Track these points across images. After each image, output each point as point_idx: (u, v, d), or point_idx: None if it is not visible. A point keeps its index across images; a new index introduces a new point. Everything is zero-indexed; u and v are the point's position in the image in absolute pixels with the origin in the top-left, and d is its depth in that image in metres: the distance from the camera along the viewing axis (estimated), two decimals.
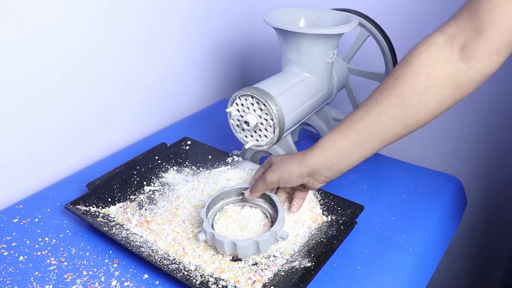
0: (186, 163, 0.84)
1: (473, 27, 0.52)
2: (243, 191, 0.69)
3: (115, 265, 0.63)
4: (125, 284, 0.60)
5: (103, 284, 0.60)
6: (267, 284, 0.58)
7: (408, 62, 0.56)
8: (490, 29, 0.51)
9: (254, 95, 0.70)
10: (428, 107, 0.56)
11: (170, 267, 0.60)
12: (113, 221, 0.69)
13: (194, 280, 0.58)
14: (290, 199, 0.69)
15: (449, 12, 0.57)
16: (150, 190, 0.77)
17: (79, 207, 0.71)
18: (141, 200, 0.75)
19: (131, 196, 0.75)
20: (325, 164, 0.61)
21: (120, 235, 0.66)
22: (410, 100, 0.55)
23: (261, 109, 0.71)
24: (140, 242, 0.65)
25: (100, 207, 0.72)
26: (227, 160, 0.83)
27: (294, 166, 0.62)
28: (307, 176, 0.63)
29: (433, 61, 0.54)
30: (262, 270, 0.61)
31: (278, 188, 0.68)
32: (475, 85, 0.55)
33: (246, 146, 0.75)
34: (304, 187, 0.66)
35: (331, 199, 0.72)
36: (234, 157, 0.84)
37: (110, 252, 0.66)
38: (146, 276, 0.62)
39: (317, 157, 0.62)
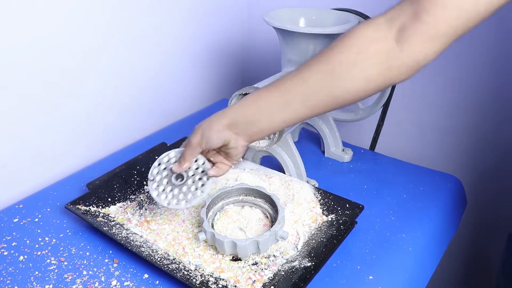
0: None
1: (412, 10, 0.52)
2: (243, 191, 0.69)
3: (115, 265, 0.63)
4: (125, 283, 0.60)
5: (103, 284, 0.60)
6: (267, 284, 0.58)
7: (345, 36, 0.56)
8: (427, 15, 0.50)
9: None
10: (355, 81, 0.55)
11: (170, 267, 0.60)
12: (113, 221, 0.69)
13: (194, 280, 0.58)
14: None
15: None
16: None
17: (79, 207, 0.71)
18: (141, 200, 0.75)
19: (131, 196, 0.76)
20: (245, 117, 0.59)
21: (120, 235, 0.66)
22: (338, 69, 0.55)
23: None
24: (140, 242, 0.65)
25: (100, 207, 0.72)
26: None
27: (214, 120, 0.61)
28: (228, 129, 0.60)
29: (368, 38, 0.54)
30: (262, 270, 0.61)
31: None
32: (405, 70, 0.54)
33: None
34: (227, 152, 0.63)
35: (331, 199, 0.72)
36: None
37: (110, 252, 0.66)
38: (146, 275, 0.62)
39: (237, 109, 0.60)
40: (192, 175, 0.64)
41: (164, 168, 0.64)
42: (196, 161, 0.64)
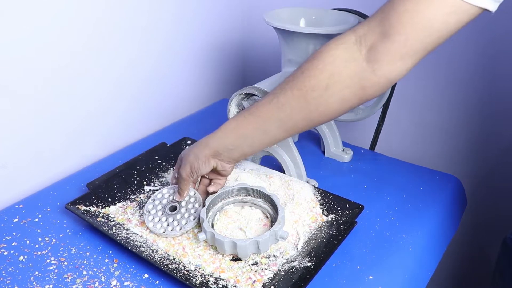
0: None
1: (382, 30, 0.52)
2: (243, 191, 0.69)
3: (115, 265, 0.63)
4: (125, 283, 0.60)
5: (103, 284, 0.60)
6: (267, 284, 0.58)
7: (316, 57, 0.56)
8: (397, 34, 0.51)
9: (254, 95, 0.70)
10: (329, 103, 0.56)
11: (170, 267, 0.60)
12: (113, 221, 0.69)
13: (194, 280, 0.58)
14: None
15: None
16: (150, 190, 0.77)
17: (79, 207, 0.71)
18: (141, 200, 0.75)
19: (131, 196, 0.76)
20: (227, 146, 0.63)
21: (120, 235, 0.66)
22: (312, 95, 0.56)
23: None
24: (140, 242, 0.65)
25: (100, 207, 0.72)
26: None
27: (199, 151, 0.64)
28: (213, 158, 0.64)
29: (339, 60, 0.54)
30: (262, 270, 0.61)
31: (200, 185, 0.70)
32: (378, 88, 0.55)
33: None
34: (218, 174, 0.68)
35: (331, 199, 0.72)
36: None
37: (110, 252, 0.66)
38: (146, 275, 0.62)
39: (219, 138, 0.63)
40: (185, 205, 0.69)
41: (158, 203, 0.70)
42: (187, 192, 0.70)
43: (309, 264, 0.60)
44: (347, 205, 0.71)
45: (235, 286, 0.58)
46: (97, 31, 0.84)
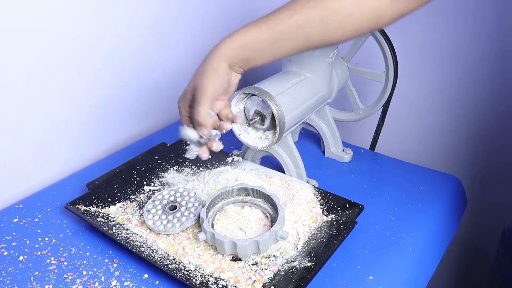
0: (186, 163, 0.84)
1: None
2: (243, 191, 0.69)
3: (115, 265, 0.63)
4: (125, 284, 0.60)
5: (103, 284, 0.60)
6: (267, 284, 0.58)
7: None
8: None
9: (254, 95, 0.70)
10: (347, 28, 0.59)
11: (170, 267, 0.60)
12: (113, 221, 0.69)
13: (194, 280, 0.58)
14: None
15: (448, 13, 0.58)
16: (150, 190, 0.77)
17: (79, 207, 0.71)
18: (141, 200, 0.75)
19: (131, 196, 0.76)
20: (243, 57, 0.61)
21: (120, 235, 0.66)
22: (334, 18, 0.58)
23: None
24: (140, 242, 0.65)
25: (100, 207, 0.72)
26: (227, 160, 0.83)
27: (216, 59, 0.61)
28: (230, 69, 0.62)
29: None
30: (262, 270, 0.61)
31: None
32: (390, 21, 0.60)
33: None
34: (225, 90, 0.63)
35: (331, 199, 0.72)
36: (234, 157, 0.84)
37: (110, 252, 0.66)
38: (146, 276, 0.62)
39: (236, 49, 0.61)
40: (185, 204, 0.69)
41: (158, 203, 0.70)
42: (188, 193, 0.71)
43: (309, 264, 0.60)
44: (347, 205, 0.71)
45: (235, 286, 0.58)
46: (97, 31, 0.84)
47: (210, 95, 0.59)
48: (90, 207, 0.72)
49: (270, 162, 0.84)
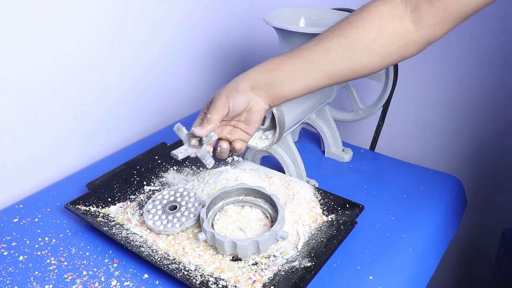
0: (186, 163, 0.84)
1: None
2: (243, 191, 0.69)
3: (115, 265, 0.63)
4: (125, 284, 0.60)
5: (103, 284, 0.60)
6: (267, 284, 0.58)
7: (364, 11, 0.59)
8: (438, 1, 0.55)
9: None
10: (373, 56, 0.59)
11: (170, 267, 0.60)
12: (113, 221, 0.69)
13: (194, 280, 0.58)
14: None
15: None
16: (150, 190, 0.77)
17: (79, 207, 0.71)
18: (141, 200, 0.75)
19: (131, 196, 0.76)
20: (268, 80, 0.61)
21: (120, 235, 0.66)
22: (358, 45, 0.58)
23: None
24: (140, 242, 0.65)
25: (100, 207, 0.72)
26: (227, 160, 0.83)
27: (237, 82, 0.61)
28: (251, 91, 0.61)
29: (387, 16, 0.57)
30: (262, 270, 0.61)
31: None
32: (418, 48, 0.59)
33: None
34: (248, 119, 0.62)
35: (331, 199, 0.72)
36: (234, 157, 0.84)
37: (110, 252, 0.66)
38: (146, 276, 0.62)
39: (260, 73, 0.62)
40: (185, 204, 0.69)
41: (159, 203, 0.70)
42: (188, 193, 0.71)
43: (309, 264, 0.60)
44: (347, 205, 0.71)
45: (235, 286, 0.58)
46: (97, 31, 0.84)
47: (220, 107, 0.60)
48: (90, 207, 0.72)
49: (270, 162, 0.84)
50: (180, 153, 0.59)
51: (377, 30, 0.57)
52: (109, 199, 0.74)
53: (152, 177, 0.80)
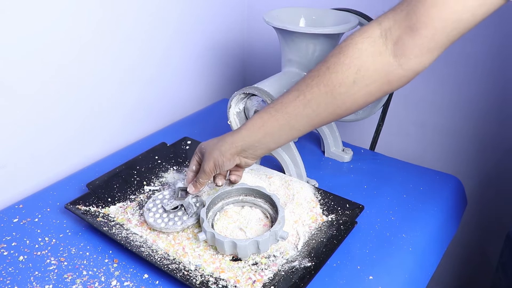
0: (186, 163, 0.84)
1: (409, 24, 0.52)
2: (243, 191, 0.69)
3: (115, 265, 0.63)
4: (125, 284, 0.60)
5: (103, 284, 0.60)
6: (267, 284, 0.58)
7: (341, 52, 0.56)
8: (425, 29, 0.51)
9: (254, 95, 0.70)
10: (356, 98, 0.57)
11: (170, 267, 0.60)
12: (113, 221, 0.69)
13: (194, 280, 0.58)
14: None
15: None
16: (150, 190, 0.77)
17: (79, 207, 0.71)
18: (141, 200, 0.75)
19: (131, 196, 0.75)
20: (253, 144, 0.63)
21: (120, 235, 0.66)
22: (339, 90, 0.57)
23: None
24: (140, 242, 0.65)
25: (100, 207, 0.72)
26: None
27: (224, 149, 0.64)
28: (238, 156, 0.65)
29: (366, 54, 0.55)
30: (262, 270, 0.61)
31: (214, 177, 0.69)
32: (405, 80, 0.56)
33: None
34: (238, 167, 0.68)
35: (331, 199, 0.72)
36: None
37: (110, 252, 0.66)
38: (146, 276, 0.62)
39: (245, 137, 0.63)
40: (186, 204, 0.69)
41: (159, 203, 0.70)
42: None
43: (309, 264, 0.60)
44: (347, 205, 0.71)
45: (235, 286, 0.58)
46: (98, 32, 0.84)
47: (209, 172, 0.65)
48: (90, 207, 0.72)
49: (270, 162, 0.84)
50: (167, 205, 0.69)
51: (357, 72, 0.55)
52: (109, 199, 0.74)
53: (152, 177, 0.80)
